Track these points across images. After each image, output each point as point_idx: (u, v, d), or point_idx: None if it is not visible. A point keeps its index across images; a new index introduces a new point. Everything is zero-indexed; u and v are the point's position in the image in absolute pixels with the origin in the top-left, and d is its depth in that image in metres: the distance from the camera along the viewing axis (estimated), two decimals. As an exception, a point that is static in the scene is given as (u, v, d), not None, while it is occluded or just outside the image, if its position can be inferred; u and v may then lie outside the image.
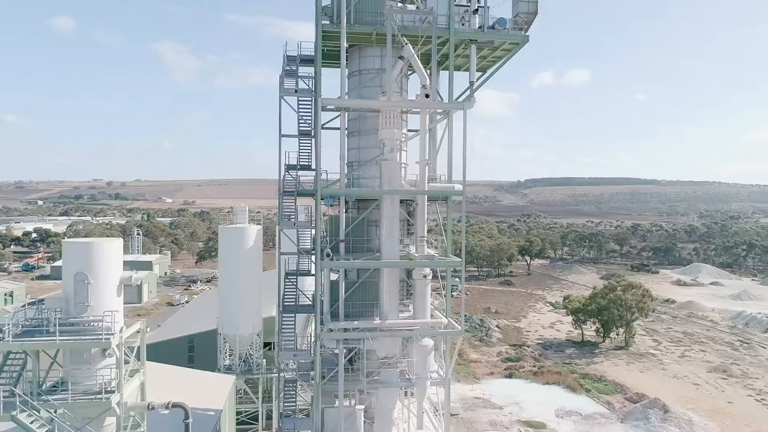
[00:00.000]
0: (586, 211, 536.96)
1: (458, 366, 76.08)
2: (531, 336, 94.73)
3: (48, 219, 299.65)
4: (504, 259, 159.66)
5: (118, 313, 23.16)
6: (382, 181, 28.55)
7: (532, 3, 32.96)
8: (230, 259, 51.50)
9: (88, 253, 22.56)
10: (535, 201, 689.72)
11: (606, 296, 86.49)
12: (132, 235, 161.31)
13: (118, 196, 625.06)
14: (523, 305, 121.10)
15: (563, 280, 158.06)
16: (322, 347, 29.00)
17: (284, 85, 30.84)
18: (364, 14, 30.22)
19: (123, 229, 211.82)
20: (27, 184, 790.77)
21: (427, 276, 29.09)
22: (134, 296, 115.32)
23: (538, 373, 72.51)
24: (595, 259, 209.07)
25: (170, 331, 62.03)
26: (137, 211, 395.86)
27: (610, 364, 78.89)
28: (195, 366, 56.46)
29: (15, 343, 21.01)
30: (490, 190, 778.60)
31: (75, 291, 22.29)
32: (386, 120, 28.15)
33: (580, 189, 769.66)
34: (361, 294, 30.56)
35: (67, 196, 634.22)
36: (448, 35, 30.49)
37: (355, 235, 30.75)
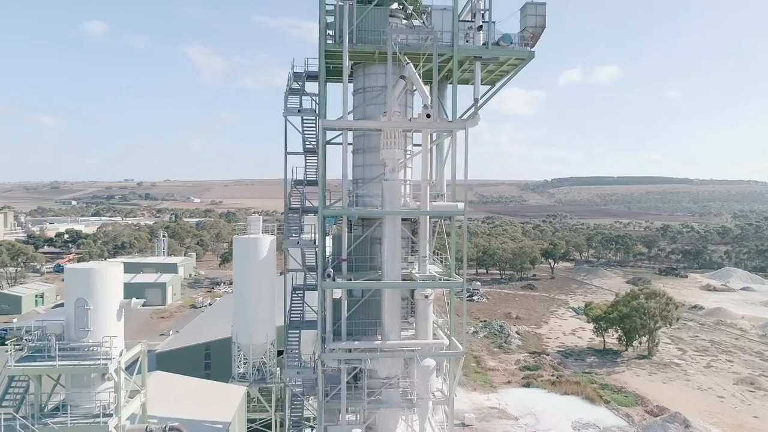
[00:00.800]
0: (614, 212, 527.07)
1: (475, 374, 75.73)
2: (551, 343, 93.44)
3: (80, 219, 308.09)
4: (527, 262, 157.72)
5: (117, 338, 23.68)
6: (383, 201, 28.51)
7: (540, 17, 32.46)
8: (244, 268, 52.17)
9: (88, 279, 23.16)
10: (561, 201, 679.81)
11: (628, 304, 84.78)
12: (158, 237, 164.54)
13: (148, 196, 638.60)
14: (545, 311, 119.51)
15: (587, 285, 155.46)
16: (325, 365, 29.14)
17: (288, 104, 31.06)
18: (367, 33, 30.19)
19: (151, 230, 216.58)
20: (62, 184, 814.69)
21: (428, 296, 28.95)
22: (159, 298, 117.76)
23: (556, 382, 71.50)
24: (622, 262, 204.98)
25: (188, 338, 63.17)
26: (166, 212, 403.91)
27: (632, 374, 77.28)
28: (211, 373, 57.56)
29: (17, 368, 21.73)
30: (516, 189, 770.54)
31: (75, 316, 22.93)
32: (387, 140, 28.10)
33: (608, 188, 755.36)
34: (365, 312, 30.59)
35: (99, 196, 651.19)
36: (452, 52, 30.25)
37: (360, 252, 30.76)
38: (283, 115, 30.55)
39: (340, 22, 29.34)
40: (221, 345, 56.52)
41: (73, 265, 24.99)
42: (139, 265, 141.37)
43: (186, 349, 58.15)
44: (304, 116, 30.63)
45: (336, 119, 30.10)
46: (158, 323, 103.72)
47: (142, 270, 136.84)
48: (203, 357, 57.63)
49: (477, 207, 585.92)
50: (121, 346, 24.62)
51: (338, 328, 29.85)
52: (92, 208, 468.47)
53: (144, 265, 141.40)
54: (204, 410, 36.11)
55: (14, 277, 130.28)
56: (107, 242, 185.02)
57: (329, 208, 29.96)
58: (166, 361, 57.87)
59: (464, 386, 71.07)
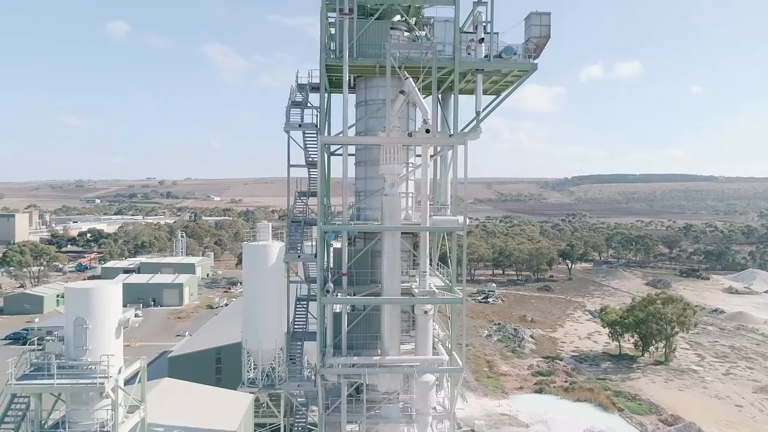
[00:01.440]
0: (636, 210, 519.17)
1: (487, 379, 75.40)
2: (566, 347, 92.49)
3: (103, 218, 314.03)
4: (543, 263, 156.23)
5: (114, 356, 24.09)
6: (382, 217, 28.45)
7: (545, 27, 32.06)
8: (253, 275, 52.61)
9: (87, 298, 23.63)
10: (582, 199, 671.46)
11: (644, 309, 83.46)
12: (176, 237, 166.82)
13: (170, 194, 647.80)
14: (561, 313, 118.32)
15: (605, 286, 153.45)
16: (325, 379, 29.25)
17: (290, 118, 31.18)
18: (368, 47, 30.16)
19: (170, 229, 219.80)
20: (86, 183, 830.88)
21: (428, 312, 28.84)
22: (176, 299, 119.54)
23: (569, 389, 70.76)
24: (642, 263, 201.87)
25: (200, 342, 63.99)
26: (186, 210, 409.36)
27: (647, 380, 76.12)
28: (222, 377, 58.30)
29: (17, 386, 22.28)
30: (536, 187, 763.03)
31: (74, 335, 23.41)
32: (387, 155, 28.02)
33: (630, 186, 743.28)
34: (366, 325, 30.62)
35: (122, 195, 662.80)
36: (453, 65, 30.06)
37: (361, 266, 30.78)
38: (284, 130, 30.71)
39: (340, 36, 29.36)
40: (232, 350, 57.05)
41: (73, 285, 25.49)
42: (157, 265, 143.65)
43: (198, 354, 58.93)
44: (305, 131, 30.73)
45: (335, 135, 30.14)
46: (175, 324, 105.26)
47: (161, 270, 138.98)
48: (214, 362, 58.33)
49: (495, 205, 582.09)
50: (120, 363, 25.07)
51: (339, 341, 29.96)
52: (115, 207, 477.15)
53: (162, 265, 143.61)
54: (210, 418, 36.59)
55: (37, 276, 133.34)
56: (128, 242, 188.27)
57: (329, 223, 30.01)
58: (178, 365, 58.80)
59: (475, 391, 70.84)
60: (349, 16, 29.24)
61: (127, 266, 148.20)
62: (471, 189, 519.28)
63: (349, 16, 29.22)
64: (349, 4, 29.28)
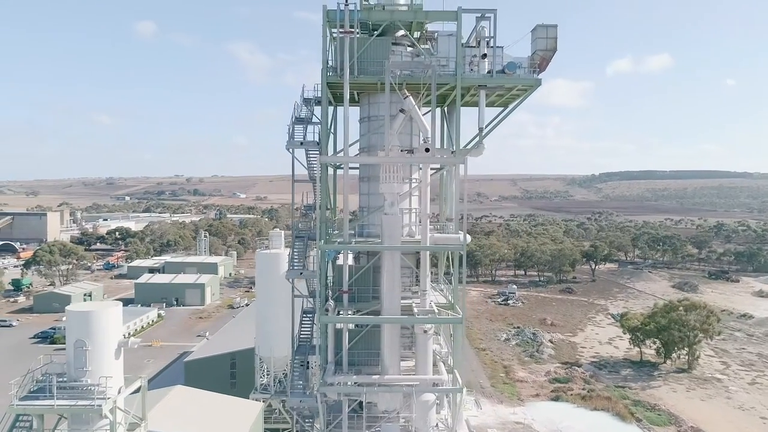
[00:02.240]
0: (666, 208, 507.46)
1: (503, 385, 74.80)
2: (585, 353, 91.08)
3: (131, 216, 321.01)
4: (566, 265, 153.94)
5: (113, 378, 24.64)
6: (382, 235, 28.42)
7: (551, 39, 31.51)
8: (266, 283, 53.33)
9: (87, 321, 24.26)
10: (610, 196, 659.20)
11: (666, 315, 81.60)
12: (199, 237, 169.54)
13: (197, 191, 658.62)
14: (582, 317, 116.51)
15: (630, 288, 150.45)
16: (326, 396, 29.41)
17: (293, 135, 31.32)
18: (369, 64, 30.08)
19: (195, 227, 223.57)
20: (117, 180, 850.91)
21: (428, 331, 28.72)
22: (198, 299, 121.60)
23: (586, 397, 69.70)
24: (670, 264, 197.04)
25: (216, 346, 65.00)
26: (212, 208, 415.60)
27: (669, 389, 74.50)
28: (236, 382, 59.16)
29: (19, 407, 23.03)
30: (562, 184, 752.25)
31: (74, 356, 24.06)
32: (387, 174, 27.96)
33: (660, 183, 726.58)
34: (367, 341, 30.67)
35: (150, 192, 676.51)
36: (455, 81, 29.80)
37: (363, 282, 30.80)
38: (286, 147, 30.87)
39: (341, 54, 29.36)
40: (246, 355, 57.89)
41: (73, 307, 26.20)
42: (181, 265, 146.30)
43: (213, 359, 59.90)
44: (307, 148, 30.87)
45: (333, 155, 30.21)
46: (196, 324, 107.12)
47: (184, 269, 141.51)
48: (229, 366, 59.21)
49: (520, 203, 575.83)
50: (120, 383, 25.65)
51: (340, 358, 30.09)
52: (143, 204, 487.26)
53: (186, 265, 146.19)
54: (219, 427, 37.18)
55: (66, 275, 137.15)
56: (153, 240, 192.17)
57: (330, 241, 30.11)
58: (194, 369, 59.88)
59: (490, 398, 70.40)
60: (350, 33, 29.23)
61: (152, 265, 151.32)
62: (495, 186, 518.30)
63: (350, 33, 29.22)
64: (351, 21, 29.30)
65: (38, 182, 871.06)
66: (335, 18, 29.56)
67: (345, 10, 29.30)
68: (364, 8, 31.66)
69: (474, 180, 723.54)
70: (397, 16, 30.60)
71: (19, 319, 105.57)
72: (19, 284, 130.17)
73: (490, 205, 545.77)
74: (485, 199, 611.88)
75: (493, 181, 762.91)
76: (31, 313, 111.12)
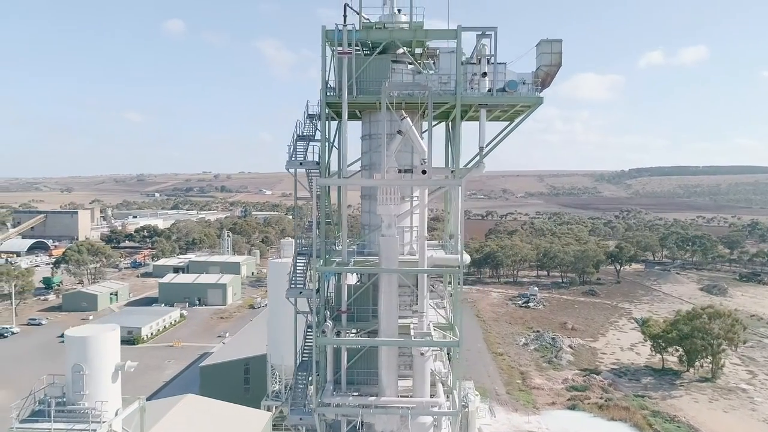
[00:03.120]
0: (698, 205, 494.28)
1: (519, 393, 74.14)
2: (606, 359, 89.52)
3: (159, 213, 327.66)
4: (589, 266, 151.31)
5: (107, 402, 25.22)
6: (380, 257, 28.36)
7: (556, 54, 30.90)
8: (277, 292, 53.75)
9: (84, 346, 24.89)
10: (639, 192, 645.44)
11: (689, 322, 79.57)
12: (223, 237, 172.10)
13: (224, 188, 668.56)
14: (605, 321, 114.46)
15: (656, 291, 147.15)
16: (323, 416, 29.58)
17: (293, 155, 31.42)
18: (369, 83, 29.99)
19: (220, 225, 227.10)
20: (147, 176, 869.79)
21: (425, 353, 28.58)
22: (219, 298, 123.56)
23: (604, 406, 68.58)
24: (699, 264, 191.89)
25: (232, 351, 65.99)
26: (238, 205, 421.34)
27: (690, 399, 72.74)
28: (250, 387, 60.00)
29: (18, 430, 23.81)
30: (590, 180, 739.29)
31: (72, 380, 24.72)
32: (384, 196, 27.85)
33: (693, 179, 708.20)
34: (366, 360, 30.66)
35: (179, 189, 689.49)
36: (455, 100, 29.50)
37: (362, 302, 30.80)
38: (286, 168, 31.00)
39: (339, 75, 29.34)
40: (259, 361, 58.66)
41: (72, 331, 26.88)
42: (204, 264, 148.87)
43: (227, 364, 60.85)
44: (307, 168, 30.97)
45: (331, 176, 30.25)
46: (217, 324, 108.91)
47: (208, 269, 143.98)
48: (243, 372, 60.08)
49: (547, 199, 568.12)
50: (117, 405, 26.26)
51: (339, 377, 30.21)
52: (172, 201, 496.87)
53: (209, 264, 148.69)
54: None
55: (94, 274, 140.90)
56: (179, 239, 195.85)
57: (328, 261, 30.21)
58: (209, 374, 60.96)
59: (505, 406, 69.86)
60: (348, 54, 29.17)
61: (177, 264, 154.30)
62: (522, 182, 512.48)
63: (347, 54, 29.16)
64: (349, 40, 29.24)
65: (72, 179, 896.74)
66: (334, 38, 29.58)
67: (343, 30, 29.27)
68: (364, 26, 31.55)
69: (500, 176, 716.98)
70: (397, 35, 30.41)
71: (49, 318, 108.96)
72: (50, 282, 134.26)
73: (516, 201, 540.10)
74: (511, 196, 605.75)
75: (519, 177, 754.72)
76: (60, 312, 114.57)
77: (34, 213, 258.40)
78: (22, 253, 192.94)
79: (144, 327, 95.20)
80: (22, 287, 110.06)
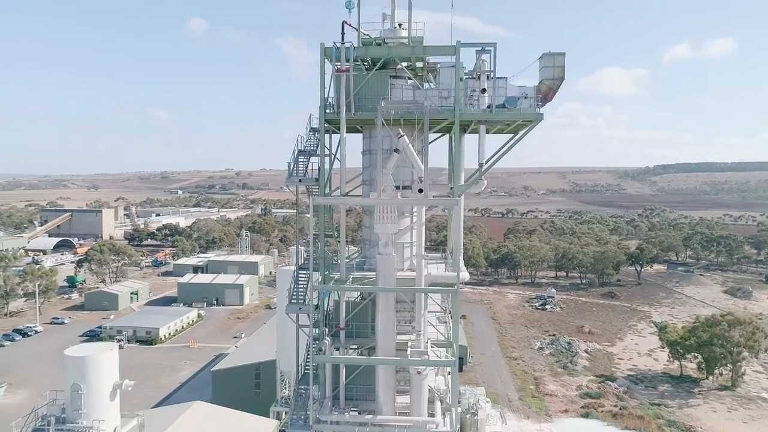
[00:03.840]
0: (726, 202, 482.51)
1: (531, 399, 73.57)
2: (622, 365, 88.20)
3: (181, 211, 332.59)
4: (609, 268, 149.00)
5: (105, 421, 25.76)
6: (377, 276, 28.36)
7: (558, 68, 30.48)
8: (286, 299, 54.30)
9: (83, 366, 25.47)
10: (664, 190, 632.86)
11: (708, 330, 77.88)
12: (241, 237, 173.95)
13: (245, 185, 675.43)
14: (623, 324, 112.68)
15: (677, 293, 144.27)
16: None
17: (293, 171, 31.56)
18: (368, 100, 29.94)
19: (240, 224, 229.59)
20: (171, 174, 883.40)
21: (422, 372, 28.52)
22: (237, 299, 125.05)
23: (618, 414, 67.60)
24: (724, 266, 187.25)
25: (244, 355, 66.74)
26: (259, 203, 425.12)
27: (708, 408, 71.26)
28: (261, 392, 60.65)
29: (18, 448, 24.58)
30: (614, 177, 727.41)
31: (71, 399, 25.33)
32: (381, 215, 27.83)
33: (720, 175, 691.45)
34: (365, 377, 30.73)
35: (202, 186, 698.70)
36: (453, 117, 29.30)
37: (361, 318, 30.86)
38: (285, 184, 31.18)
39: (337, 93, 29.36)
40: (270, 366, 59.25)
41: (71, 351, 27.47)
42: (223, 264, 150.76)
43: (239, 369, 61.60)
44: (306, 185, 31.10)
45: (328, 194, 30.34)
46: (234, 324, 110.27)
47: (226, 268, 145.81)
48: (254, 377, 60.74)
49: (569, 197, 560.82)
50: (116, 423, 26.82)
51: (338, 392, 30.36)
52: (194, 198, 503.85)
53: (228, 264, 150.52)
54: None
55: (115, 272, 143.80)
56: (200, 237, 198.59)
57: (328, 278, 30.32)
58: (221, 379, 61.80)
59: (517, 412, 69.38)
60: (346, 71, 29.16)
61: (196, 263, 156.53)
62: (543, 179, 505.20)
63: (345, 71, 29.15)
64: (347, 57, 29.22)
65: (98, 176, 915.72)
66: (332, 55, 29.58)
67: (341, 48, 29.26)
68: (363, 42, 31.51)
69: (521, 173, 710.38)
70: (395, 52, 30.31)
71: (71, 317, 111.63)
72: (74, 281, 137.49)
73: (537, 199, 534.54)
74: (532, 193, 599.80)
75: (540, 173, 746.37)
76: (82, 311, 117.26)
77: (61, 212, 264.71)
78: (48, 251, 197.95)
79: (162, 327, 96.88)
80: (46, 287, 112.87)
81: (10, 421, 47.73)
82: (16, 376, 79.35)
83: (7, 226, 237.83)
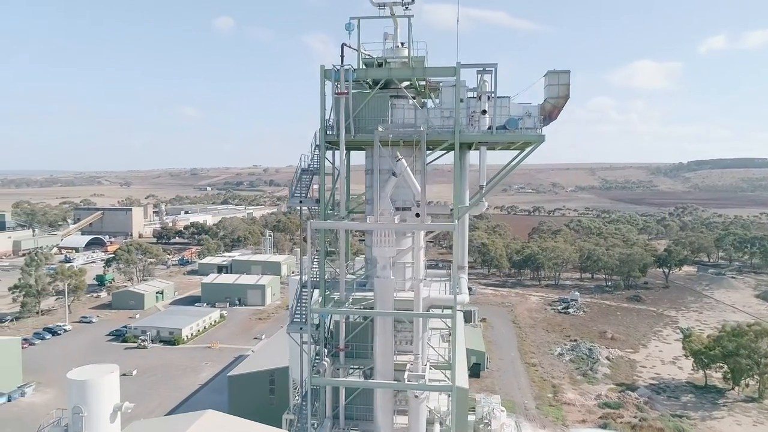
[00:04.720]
0: (764, 199, 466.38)
1: (548, 408, 72.69)
2: (645, 373, 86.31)
3: (209, 209, 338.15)
4: (635, 270, 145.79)
5: None
6: (375, 299, 28.42)
7: (563, 86, 30.07)
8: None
9: (83, 389, 26.21)
10: (698, 186, 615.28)
11: (734, 339, 75.59)
12: (265, 236, 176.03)
13: (272, 182, 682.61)
14: (648, 330, 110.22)
15: (707, 297, 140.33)
16: (322, 452, 30.06)
17: (297, 192, 31.82)
18: (368, 121, 29.96)
19: (265, 222, 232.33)
20: (200, 171, 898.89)
21: (419, 396, 28.49)
22: (259, 299, 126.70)
23: (637, 426, 66.16)
24: (758, 268, 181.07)
25: (260, 360, 67.57)
26: (284, 200, 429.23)
27: (732, 421, 69.23)
28: (275, 398, 61.36)
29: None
30: (645, 173, 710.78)
31: (72, 422, 26.10)
32: (378, 238, 27.86)
33: (758, 172, 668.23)
34: (365, 396, 30.91)
35: (230, 183, 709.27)
36: (452, 138, 29.12)
37: (361, 338, 31.00)
38: (288, 206, 31.44)
39: (337, 114, 29.46)
40: (283, 373, 59.82)
41: (72, 375, 28.22)
42: (247, 263, 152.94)
43: (254, 374, 62.41)
44: (308, 206, 31.34)
45: (325, 218, 30.48)
46: (255, 325, 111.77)
47: (250, 268, 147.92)
48: (268, 383, 61.46)
49: (598, 194, 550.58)
50: (116, 443, 27.56)
51: (338, 412, 30.59)
52: (222, 195, 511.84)
53: (251, 263, 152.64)
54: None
55: (143, 271, 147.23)
56: (225, 236, 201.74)
57: (327, 298, 30.50)
58: (237, 384, 62.76)
59: (533, 421, 68.62)
60: (345, 94, 29.21)
61: (221, 263, 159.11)
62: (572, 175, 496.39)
63: (344, 94, 29.21)
64: (346, 79, 29.27)
65: (130, 173, 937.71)
66: (332, 77, 29.67)
67: (341, 70, 29.33)
68: (365, 62, 31.53)
69: (549, 169, 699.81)
70: (395, 74, 30.25)
71: (99, 316, 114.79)
72: (103, 280, 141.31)
73: (565, 196, 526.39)
74: (560, 190, 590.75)
75: (569, 170, 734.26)
76: (109, 310, 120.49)
77: (93, 210, 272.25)
78: (80, 248, 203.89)
79: (185, 328, 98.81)
80: (75, 286, 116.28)
81: (38, 420, 49.47)
82: (45, 374, 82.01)
83: (42, 224, 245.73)
